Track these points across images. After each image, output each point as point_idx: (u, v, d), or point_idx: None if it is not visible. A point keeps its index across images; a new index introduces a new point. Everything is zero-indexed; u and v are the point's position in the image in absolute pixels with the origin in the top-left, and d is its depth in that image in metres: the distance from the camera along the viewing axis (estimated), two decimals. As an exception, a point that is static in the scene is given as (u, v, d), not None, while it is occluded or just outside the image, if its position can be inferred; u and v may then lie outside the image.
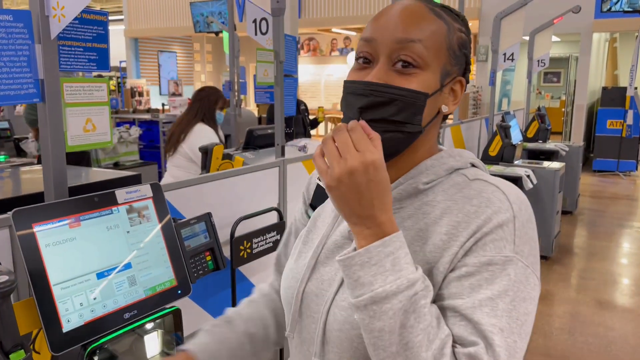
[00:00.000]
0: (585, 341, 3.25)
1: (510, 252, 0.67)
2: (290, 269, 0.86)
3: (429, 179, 0.76)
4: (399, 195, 0.77)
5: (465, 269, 0.67)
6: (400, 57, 0.73)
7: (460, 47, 0.77)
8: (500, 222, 0.68)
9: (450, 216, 0.71)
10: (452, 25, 0.76)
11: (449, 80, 0.76)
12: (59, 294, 1.08)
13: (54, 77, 1.21)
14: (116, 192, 1.24)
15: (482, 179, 0.75)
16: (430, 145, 0.80)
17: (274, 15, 2.55)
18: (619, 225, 5.90)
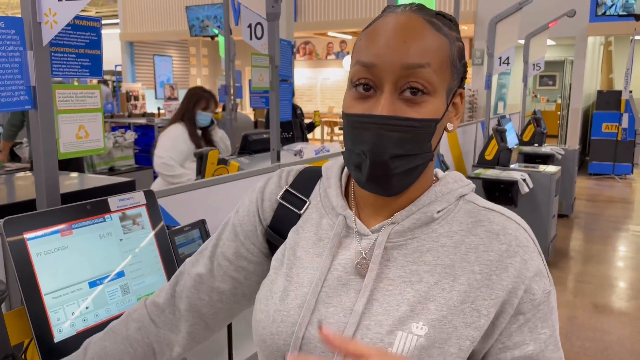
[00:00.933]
0: (582, 345, 3.24)
1: (550, 286, 0.72)
2: (277, 311, 0.73)
3: (441, 207, 0.72)
4: (413, 225, 0.71)
5: (522, 317, 0.69)
6: (409, 85, 0.66)
7: (460, 59, 0.71)
8: (536, 263, 0.70)
9: (478, 254, 0.70)
10: (451, 37, 0.69)
11: (452, 96, 0.71)
12: (50, 304, 1.07)
13: (46, 84, 1.20)
14: (109, 199, 1.23)
15: (496, 210, 0.74)
16: (432, 167, 0.75)
17: (269, 20, 2.54)
18: (615, 228, 5.91)
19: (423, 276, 0.69)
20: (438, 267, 0.69)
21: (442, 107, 0.68)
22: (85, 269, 1.15)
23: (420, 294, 0.67)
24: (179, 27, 11.93)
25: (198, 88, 3.30)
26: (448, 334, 0.66)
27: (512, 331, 0.69)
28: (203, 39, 12.83)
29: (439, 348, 0.66)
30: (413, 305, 0.67)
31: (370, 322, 0.67)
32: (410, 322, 0.66)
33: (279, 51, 2.57)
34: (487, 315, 0.68)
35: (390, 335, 0.66)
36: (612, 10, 7.50)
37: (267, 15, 2.54)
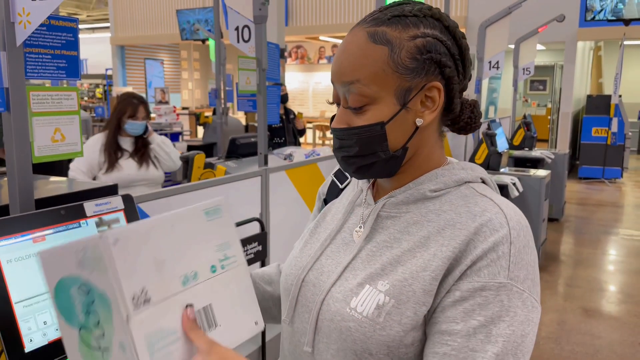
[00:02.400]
0: (572, 350, 3.23)
1: (504, 278, 0.68)
2: (294, 257, 0.89)
3: (436, 187, 0.78)
4: (406, 199, 0.79)
5: (458, 293, 0.69)
6: (349, 99, 0.77)
7: (420, 54, 0.74)
8: (496, 247, 0.69)
9: (452, 230, 0.73)
10: (397, 42, 0.74)
11: (414, 93, 0.75)
12: (20, 312, 1.03)
13: (20, 85, 1.16)
14: (84, 204, 1.20)
15: (488, 197, 0.76)
16: (434, 154, 0.81)
17: (256, 23, 2.52)
18: (605, 232, 5.93)
19: (402, 243, 0.76)
20: (417, 237, 0.75)
21: (389, 110, 0.75)
22: (59, 276, 1.11)
23: (394, 257, 0.75)
24: (170, 31, 11.89)
25: (126, 94, 3.00)
26: (407, 297, 0.71)
27: (446, 305, 0.69)
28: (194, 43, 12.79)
29: (396, 308, 0.71)
30: (384, 266, 0.75)
31: (349, 274, 0.77)
32: (378, 279, 0.74)
33: (266, 54, 2.55)
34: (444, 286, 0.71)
35: (359, 287, 0.75)
36: (601, 15, 7.55)
37: (254, 18, 2.52)
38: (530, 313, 0.68)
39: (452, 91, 0.78)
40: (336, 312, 0.75)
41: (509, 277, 0.68)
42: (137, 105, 2.88)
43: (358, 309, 0.73)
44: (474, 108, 0.83)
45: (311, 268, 0.84)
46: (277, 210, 2.49)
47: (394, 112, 0.75)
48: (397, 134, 0.76)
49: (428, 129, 0.79)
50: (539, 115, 12.70)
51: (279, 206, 2.51)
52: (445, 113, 0.80)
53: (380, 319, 0.71)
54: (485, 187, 0.80)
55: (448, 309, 0.69)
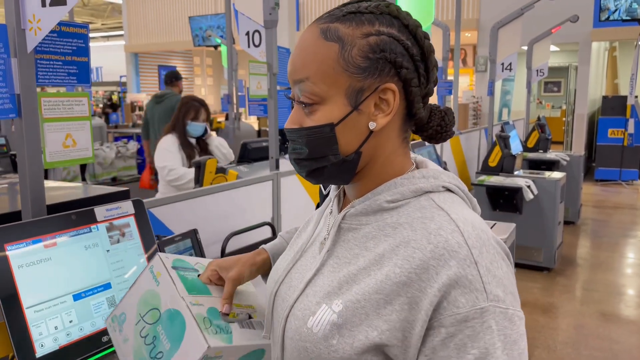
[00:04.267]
0: (590, 355, 3.17)
1: (484, 301, 0.63)
2: (274, 270, 0.87)
3: (393, 197, 0.73)
4: (364, 210, 0.75)
5: (444, 330, 0.64)
6: (299, 99, 0.73)
7: (373, 53, 0.70)
8: (463, 271, 0.64)
9: (406, 249, 0.68)
10: (349, 39, 0.70)
11: (367, 94, 0.71)
12: (32, 317, 1.03)
13: (31, 91, 1.17)
14: (95, 209, 1.20)
15: (445, 210, 0.70)
16: (396, 161, 0.76)
17: (267, 27, 2.52)
18: (623, 235, 5.83)
19: (359, 260, 0.72)
20: (373, 253, 0.71)
21: (339, 111, 0.71)
22: (70, 281, 1.11)
23: (350, 274, 0.71)
24: (183, 38, 11.99)
25: (188, 98, 3.19)
26: (360, 319, 0.68)
27: (436, 345, 0.64)
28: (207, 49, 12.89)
29: (349, 330, 0.68)
30: (342, 284, 0.71)
31: (310, 290, 0.74)
32: (334, 299, 0.70)
33: (277, 58, 2.55)
34: (399, 312, 0.66)
35: (316, 306, 0.72)
36: (615, 15, 7.45)
37: (265, 22, 2.52)
38: (519, 327, 0.65)
39: (412, 94, 0.72)
40: (295, 330, 0.72)
41: (489, 300, 0.63)
42: (198, 107, 3.08)
43: (314, 329, 0.70)
44: (445, 116, 0.78)
45: (282, 281, 0.81)
46: (288, 214, 2.49)
47: (344, 114, 0.71)
48: (349, 137, 0.72)
49: (385, 134, 0.74)
50: (554, 117, 12.56)
51: (291, 210, 2.50)
52: (407, 118, 0.75)
53: (333, 340, 0.68)
54: (447, 197, 0.73)
55: (440, 349, 0.64)
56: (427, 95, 0.75)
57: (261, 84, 2.51)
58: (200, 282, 0.89)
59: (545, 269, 4.55)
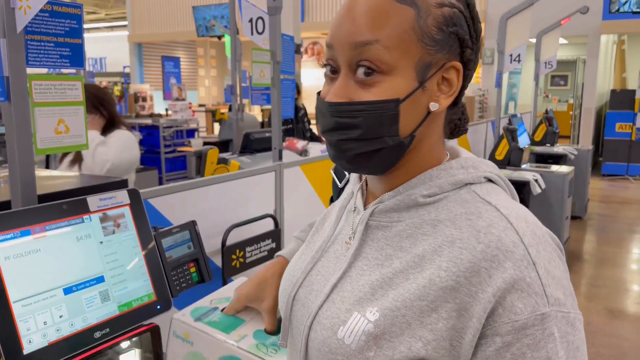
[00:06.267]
0: (598, 352, 3.12)
1: (545, 306, 0.57)
2: (289, 270, 0.79)
3: (430, 191, 0.65)
4: (396, 206, 0.67)
5: (499, 339, 0.57)
6: (360, 64, 0.63)
7: (446, 26, 0.63)
8: (520, 274, 0.57)
9: (451, 249, 0.61)
10: (424, 6, 0.62)
11: (433, 71, 0.64)
12: (19, 312, 0.98)
13: (21, 74, 1.11)
14: (88, 199, 1.14)
15: (493, 204, 0.62)
16: (435, 150, 0.69)
17: (271, 14, 2.45)
18: (630, 230, 5.75)
19: (393, 261, 0.65)
20: (410, 254, 0.64)
21: (406, 85, 0.62)
22: (60, 274, 1.06)
23: (384, 278, 0.64)
24: (186, 28, 11.91)
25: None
26: (400, 329, 0.60)
27: (489, 355, 0.57)
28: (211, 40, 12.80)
29: (388, 341, 0.60)
30: (375, 289, 0.64)
31: (337, 296, 0.67)
32: (367, 306, 0.63)
33: (280, 46, 2.48)
34: (446, 319, 0.59)
35: (346, 313, 0.64)
36: (625, 7, 7.33)
37: (269, 9, 2.45)
38: (581, 332, 0.60)
39: (467, 79, 0.66)
40: (323, 341, 0.65)
41: (550, 304, 0.57)
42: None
43: (346, 340, 0.62)
44: (464, 109, 0.73)
45: (301, 284, 0.74)
46: (291, 206, 2.43)
47: (411, 89, 0.63)
48: (410, 117, 0.64)
49: (438, 119, 0.68)
50: (560, 111, 12.44)
51: (294, 202, 2.44)
52: (452, 105, 0.68)
53: (370, 353, 0.61)
54: (490, 188, 0.66)
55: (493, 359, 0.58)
56: (470, 81, 0.69)
57: (264, 73, 2.45)
58: (229, 317, 0.90)
59: (552, 264, 4.49)
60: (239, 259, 1.93)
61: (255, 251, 2.01)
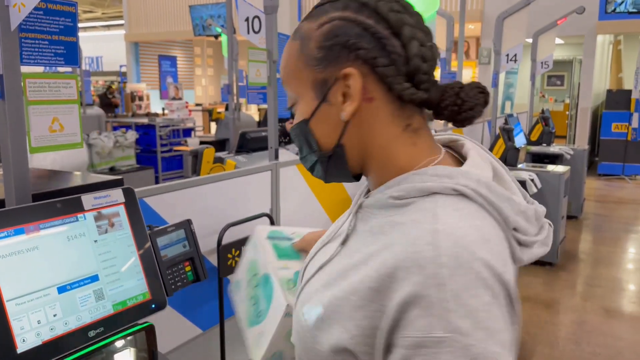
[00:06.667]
0: (593, 351, 3.12)
1: (441, 331, 0.54)
2: (312, 249, 0.87)
3: (398, 194, 0.66)
4: (375, 202, 0.69)
5: (401, 350, 0.57)
6: None
7: (326, 41, 0.66)
8: (426, 293, 0.55)
9: (386, 253, 0.61)
10: (307, 34, 0.68)
11: (330, 85, 0.67)
12: (12, 311, 0.98)
13: (15, 72, 1.11)
14: (82, 197, 1.14)
15: (438, 218, 0.60)
16: (407, 154, 0.68)
17: (267, 13, 2.45)
18: (626, 230, 5.77)
19: (355, 255, 0.68)
20: (368, 250, 0.66)
21: (310, 106, 0.70)
22: (54, 272, 1.05)
23: (345, 269, 0.68)
24: (183, 28, 11.88)
25: None
26: (336, 318, 0.64)
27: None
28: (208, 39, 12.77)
29: (328, 325, 0.65)
30: (337, 277, 0.68)
31: (317, 277, 0.72)
32: (327, 290, 0.68)
33: (277, 45, 2.48)
34: (371, 319, 0.61)
35: (314, 294, 0.70)
36: (622, 7, 7.35)
37: (265, 7, 2.45)
38: None
39: (384, 74, 0.65)
40: (296, 313, 0.73)
41: (448, 331, 0.54)
42: None
43: (305, 316, 0.69)
44: (460, 91, 0.68)
45: (310, 261, 0.81)
46: (287, 205, 2.43)
47: (313, 108, 0.69)
48: (325, 131, 0.69)
49: (367, 123, 0.67)
50: (557, 110, 12.47)
51: (290, 201, 2.44)
52: (399, 103, 0.67)
53: (317, 332, 0.66)
54: (454, 202, 0.62)
55: None
56: (415, 72, 0.66)
57: (260, 72, 2.44)
58: (293, 249, 1.02)
59: (548, 264, 4.50)
60: (234, 258, 1.93)
61: (251, 250, 2.00)
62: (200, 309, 1.99)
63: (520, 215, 0.65)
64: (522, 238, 0.64)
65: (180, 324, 1.91)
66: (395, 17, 0.65)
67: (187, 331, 1.94)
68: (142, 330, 1.18)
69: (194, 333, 1.97)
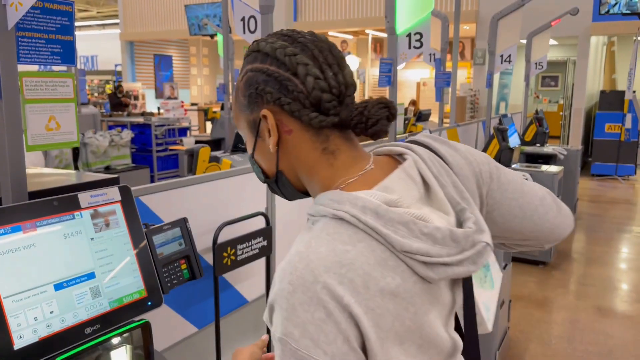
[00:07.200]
0: (585, 349, 3.15)
1: (279, 333, 0.67)
2: None
3: (310, 211, 0.76)
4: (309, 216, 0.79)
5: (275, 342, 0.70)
6: None
7: (246, 90, 0.79)
8: (278, 300, 0.67)
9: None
10: (237, 85, 0.82)
11: (257, 124, 0.79)
12: (9, 308, 0.98)
13: (12, 70, 1.12)
14: (79, 195, 1.15)
15: (307, 241, 0.70)
16: (323, 174, 0.77)
17: (263, 13, 2.46)
18: (618, 230, 5.82)
19: None
20: None
21: (250, 142, 0.82)
22: (51, 270, 1.06)
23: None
24: (179, 27, 11.86)
25: None
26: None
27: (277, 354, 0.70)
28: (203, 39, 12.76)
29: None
30: None
31: None
32: None
33: (272, 45, 2.48)
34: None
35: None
36: (615, 8, 7.40)
37: (261, 7, 2.45)
38: None
39: (290, 109, 0.75)
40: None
41: (283, 334, 0.66)
42: None
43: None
44: (364, 110, 0.76)
45: None
46: (283, 204, 2.44)
47: (253, 144, 0.82)
48: (266, 161, 0.82)
49: (291, 150, 0.77)
50: (551, 111, 12.53)
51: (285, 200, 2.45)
52: (314, 130, 0.76)
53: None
54: (330, 227, 0.70)
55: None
56: (318, 102, 0.74)
57: (256, 71, 2.45)
58: None
59: (541, 263, 4.53)
60: (230, 256, 1.94)
61: (247, 249, 2.01)
62: (196, 307, 2.00)
63: (422, 237, 0.69)
64: (422, 259, 0.68)
65: (175, 322, 1.91)
66: (290, 60, 0.75)
67: (183, 329, 1.95)
68: (138, 327, 1.19)
69: (190, 331, 1.97)
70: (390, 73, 2.96)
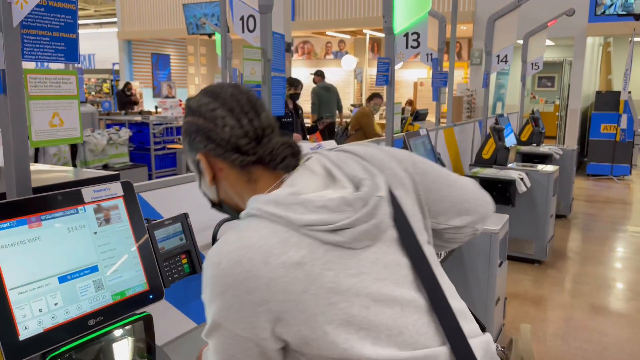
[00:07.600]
0: (580, 347, 3.19)
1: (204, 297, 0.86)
2: None
3: (241, 216, 0.91)
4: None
5: None
6: None
7: (185, 137, 0.98)
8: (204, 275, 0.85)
9: None
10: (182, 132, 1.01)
11: (198, 164, 0.98)
12: (15, 299, 1.01)
13: (17, 67, 1.14)
14: (82, 190, 1.17)
15: (227, 234, 0.85)
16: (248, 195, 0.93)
17: (262, 12, 2.48)
18: (613, 229, 5.86)
19: None
20: None
21: (197, 177, 1.02)
22: (55, 263, 1.08)
23: None
24: (177, 26, 11.86)
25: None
26: None
27: None
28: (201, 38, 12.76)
29: None
30: None
31: None
32: None
33: (271, 44, 2.51)
34: None
35: None
36: (611, 9, 7.45)
37: (260, 7, 2.48)
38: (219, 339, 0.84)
39: (217, 154, 0.94)
40: None
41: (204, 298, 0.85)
42: None
43: None
44: (272, 150, 0.93)
45: None
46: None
47: (199, 179, 1.01)
48: (210, 192, 1.01)
49: (225, 183, 0.97)
50: (547, 112, 12.57)
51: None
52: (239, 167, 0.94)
53: None
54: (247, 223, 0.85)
55: None
56: (237, 147, 0.92)
57: (255, 70, 2.48)
58: None
59: (537, 262, 4.57)
60: (229, 253, 1.96)
61: (245, 245, 2.04)
62: (195, 302, 2.02)
63: (318, 210, 0.82)
64: (323, 228, 0.81)
65: (174, 317, 1.93)
66: (211, 114, 0.93)
67: (182, 324, 1.97)
68: (141, 319, 1.21)
69: (189, 326, 1.99)
70: (387, 72, 2.99)
